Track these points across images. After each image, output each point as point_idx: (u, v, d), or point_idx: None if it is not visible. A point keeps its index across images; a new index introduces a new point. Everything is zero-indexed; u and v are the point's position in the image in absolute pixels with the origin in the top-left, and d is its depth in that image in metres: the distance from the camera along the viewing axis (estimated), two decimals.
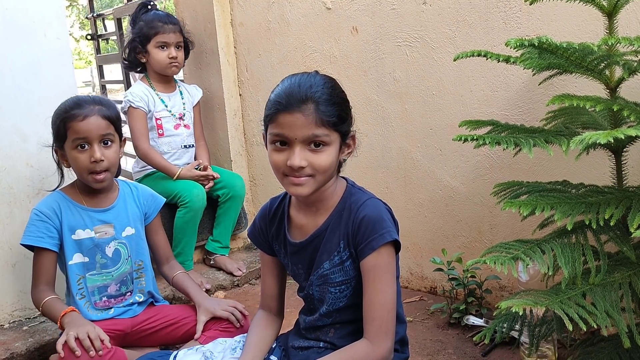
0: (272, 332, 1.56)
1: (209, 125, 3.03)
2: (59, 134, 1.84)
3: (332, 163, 1.33)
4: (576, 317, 1.27)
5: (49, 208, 1.88)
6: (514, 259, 1.38)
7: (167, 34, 2.67)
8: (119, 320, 1.93)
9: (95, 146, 1.81)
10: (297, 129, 1.27)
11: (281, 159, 1.31)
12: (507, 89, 2.12)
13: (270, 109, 1.31)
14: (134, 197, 2.02)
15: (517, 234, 2.17)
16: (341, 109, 1.33)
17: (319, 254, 1.41)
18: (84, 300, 1.91)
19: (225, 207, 2.75)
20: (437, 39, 2.26)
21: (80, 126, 1.80)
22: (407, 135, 2.42)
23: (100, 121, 1.82)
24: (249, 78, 2.97)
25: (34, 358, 2.10)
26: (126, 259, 1.96)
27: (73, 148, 1.82)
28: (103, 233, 1.92)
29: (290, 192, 1.36)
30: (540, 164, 2.10)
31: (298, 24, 2.69)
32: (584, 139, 1.18)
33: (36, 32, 2.27)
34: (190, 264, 2.65)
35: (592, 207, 1.40)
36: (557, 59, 1.46)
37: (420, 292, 2.51)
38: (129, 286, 1.98)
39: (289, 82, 1.33)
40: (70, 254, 1.89)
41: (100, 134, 1.82)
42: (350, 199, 1.40)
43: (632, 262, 1.44)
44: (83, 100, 1.85)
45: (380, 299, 1.33)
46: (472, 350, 2.01)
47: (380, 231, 1.32)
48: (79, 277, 1.90)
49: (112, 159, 1.85)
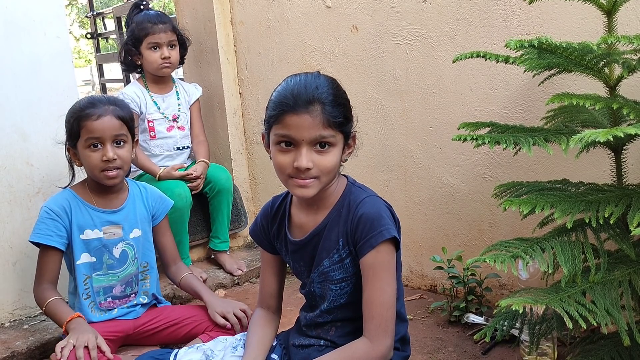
0: (272, 330, 1.56)
1: (209, 124, 3.03)
2: (72, 132, 1.85)
3: (337, 164, 1.34)
4: (576, 315, 1.27)
5: (60, 206, 1.88)
6: (514, 257, 1.39)
7: (157, 34, 2.63)
8: (121, 321, 1.94)
9: (108, 146, 1.82)
10: (305, 130, 1.27)
11: (287, 160, 1.30)
12: (507, 88, 2.12)
13: (275, 109, 1.30)
14: (143, 198, 2.02)
15: (518, 232, 2.17)
16: (346, 110, 1.34)
17: (318, 252, 1.42)
18: (89, 300, 1.91)
19: (215, 203, 2.75)
20: (437, 37, 2.26)
21: (94, 125, 1.80)
22: (407, 133, 2.42)
23: (114, 121, 1.82)
24: (249, 76, 2.97)
25: (35, 357, 2.11)
26: (133, 261, 1.96)
27: (86, 147, 1.83)
28: (111, 234, 1.92)
29: (295, 194, 1.35)
30: (540, 162, 2.10)
31: (298, 23, 2.69)
32: (584, 138, 1.19)
33: (36, 31, 2.27)
34: (188, 261, 2.65)
35: (592, 206, 1.41)
36: (557, 58, 1.46)
37: (420, 291, 2.51)
38: (133, 287, 1.98)
39: (293, 82, 1.32)
40: (78, 254, 1.89)
41: (114, 134, 1.82)
42: (349, 196, 1.40)
43: (631, 260, 1.44)
44: (97, 100, 1.86)
45: (379, 297, 1.33)
46: (473, 348, 2.01)
47: (378, 228, 1.32)
48: (85, 277, 1.91)
49: (124, 158, 1.86)
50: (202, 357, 1.51)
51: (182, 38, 2.76)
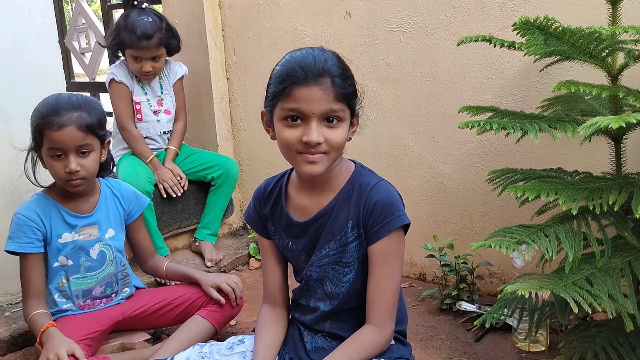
0: (281, 329, 1.48)
1: (195, 109, 2.97)
2: (36, 139, 1.76)
3: (345, 140, 1.30)
4: (581, 300, 1.28)
5: (33, 212, 1.79)
6: (518, 243, 1.39)
7: (140, 51, 2.53)
8: (107, 309, 1.91)
9: (71, 157, 1.71)
10: (315, 103, 1.23)
11: (294, 135, 1.25)
12: (501, 77, 2.12)
13: (282, 83, 1.25)
14: (115, 196, 1.95)
15: (509, 221, 2.19)
16: (353, 84, 1.31)
17: (324, 234, 1.38)
18: (69, 302, 1.87)
19: (218, 191, 2.70)
20: (432, 24, 2.25)
21: (55, 136, 1.69)
22: (400, 121, 2.41)
23: (76, 132, 1.70)
24: (237, 62, 2.92)
25: (18, 344, 2.05)
26: (111, 261, 1.91)
27: (49, 156, 1.73)
28: (87, 235, 1.86)
29: (303, 171, 1.30)
30: (533, 152, 2.11)
31: (289, 7, 2.65)
32: (595, 124, 1.19)
33: (20, 9, 2.20)
34: (165, 250, 2.60)
35: (596, 193, 1.42)
36: (563, 45, 1.46)
37: (410, 279, 2.51)
38: (114, 287, 1.94)
39: (299, 55, 1.28)
40: (54, 257, 1.83)
41: (76, 144, 1.71)
42: (360, 179, 1.38)
43: (630, 247, 1.46)
44: (61, 106, 1.72)
45: (388, 284, 1.32)
46: (465, 335, 2.02)
47: (396, 213, 1.31)
48: (62, 280, 1.85)
49: (89, 168, 1.75)
50: (198, 357, 1.47)
51: (171, 45, 2.63)
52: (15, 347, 2.04)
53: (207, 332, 1.87)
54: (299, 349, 1.45)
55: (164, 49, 2.61)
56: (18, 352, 2.04)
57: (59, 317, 1.83)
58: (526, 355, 1.87)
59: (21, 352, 2.04)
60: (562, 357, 1.58)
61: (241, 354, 1.46)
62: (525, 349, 1.89)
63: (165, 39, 2.58)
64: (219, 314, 1.92)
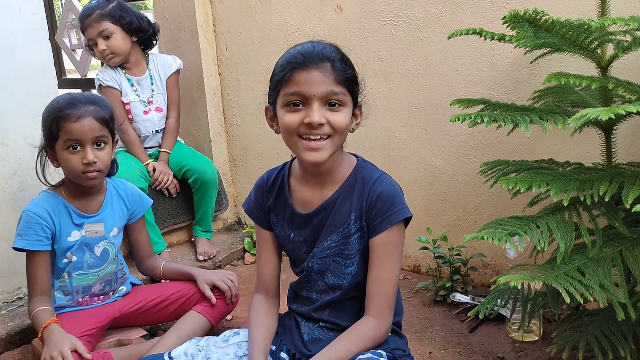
0: (275, 319, 1.51)
1: (187, 105, 2.96)
2: (51, 133, 1.75)
3: (348, 125, 1.33)
4: (573, 290, 1.30)
5: (43, 210, 1.80)
6: (510, 234, 1.40)
7: (87, 31, 2.50)
8: (105, 306, 1.92)
9: (88, 148, 1.73)
10: (316, 86, 1.26)
11: (296, 118, 1.28)
12: (493, 69, 2.13)
13: (283, 70, 1.29)
14: (121, 197, 1.96)
15: (501, 213, 2.20)
16: (353, 69, 1.34)
17: (326, 226, 1.39)
18: (68, 297, 1.88)
19: (199, 194, 2.68)
20: (423, 17, 2.25)
21: (74, 127, 1.71)
22: (392, 114, 2.42)
23: (94, 123, 1.74)
24: (229, 57, 2.92)
25: (15, 342, 2.06)
26: (113, 259, 1.93)
27: (65, 149, 1.74)
28: (93, 232, 1.87)
29: (305, 158, 1.31)
30: (525, 143, 2.13)
31: (280, 2, 2.65)
32: (585, 116, 1.20)
33: (11, 6, 2.18)
34: (162, 244, 2.61)
35: (586, 184, 1.43)
36: (552, 37, 1.47)
37: (404, 271, 2.53)
38: (112, 285, 1.95)
39: (299, 46, 1.33)
40: (62, 255, 1.84)
41: (94, 135, 1.74)
42: (362, 172, 1.40)
43: (621, 237, 1.48)
44: (77, 99, 1.76)
45: (388, 276, 1.34)
46: (459, 326, 2.04)
47: (398, 206, 1.34)
48: (64, 276, 1.86)
49: (105, 160, 1.78)
50: (195, 350, 1.48)
51: (123, 22, 2.52)
52: (12, 345, 2.05)
53: (203, 327, 1.88)
54: (296, 340, 1.47)
55: (112, 25, 2.50)
56: (15, 349, 2.05)
57: (58, 314, 1.83)
58: (520, 345, 1.89)
59: (18, 349, 2.05)
60: (555, 346, 1.60)
61: (237, 344, 1.48)
62: (519, 338, 1.91)
63: (109, 14, 2.50)
64: (214, 309, 1.93)
